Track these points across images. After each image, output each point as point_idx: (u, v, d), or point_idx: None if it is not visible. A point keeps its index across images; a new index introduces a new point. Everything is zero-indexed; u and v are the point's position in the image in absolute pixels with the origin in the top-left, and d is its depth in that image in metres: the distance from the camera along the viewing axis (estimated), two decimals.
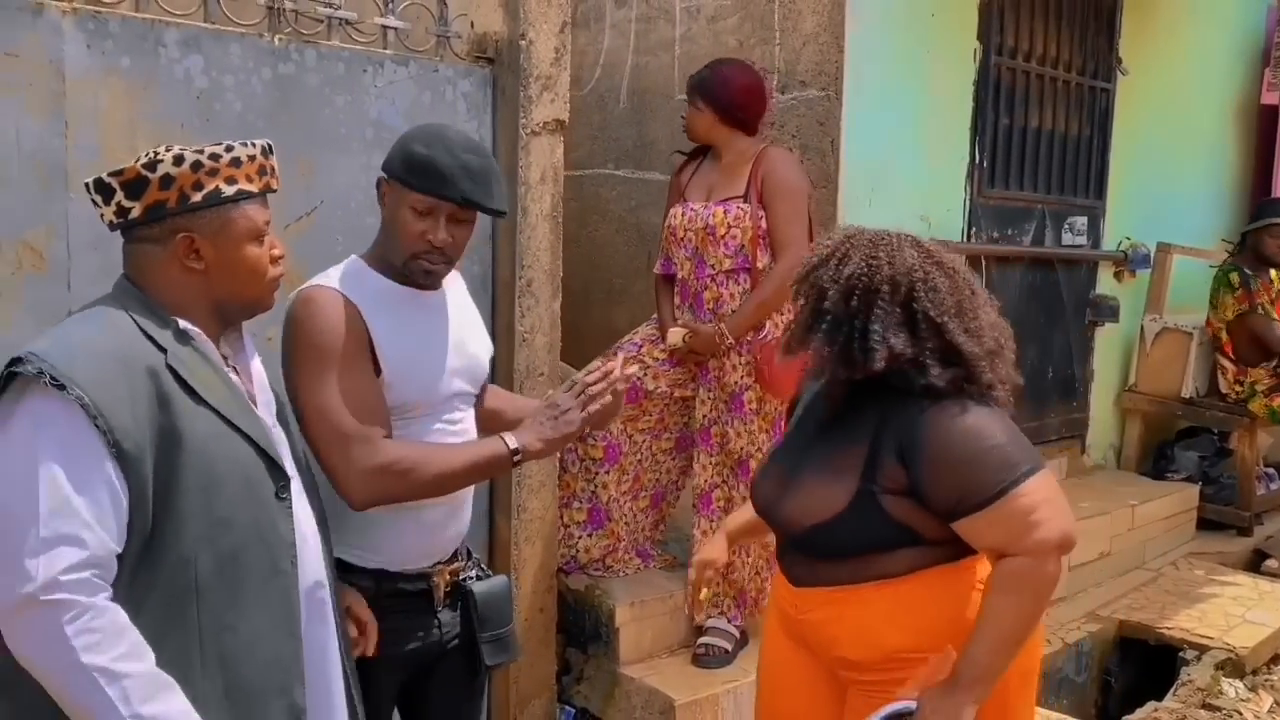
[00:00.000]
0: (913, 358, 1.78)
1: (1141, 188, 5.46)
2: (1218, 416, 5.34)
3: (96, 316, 1.52)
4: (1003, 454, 1.77)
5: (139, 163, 1.54)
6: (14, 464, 1.39)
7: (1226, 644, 3.98)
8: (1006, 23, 4.62)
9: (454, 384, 2.02)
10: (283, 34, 2.56)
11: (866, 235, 1.88)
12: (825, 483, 1.87)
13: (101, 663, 1.34)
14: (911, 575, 1.84)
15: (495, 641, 2.10)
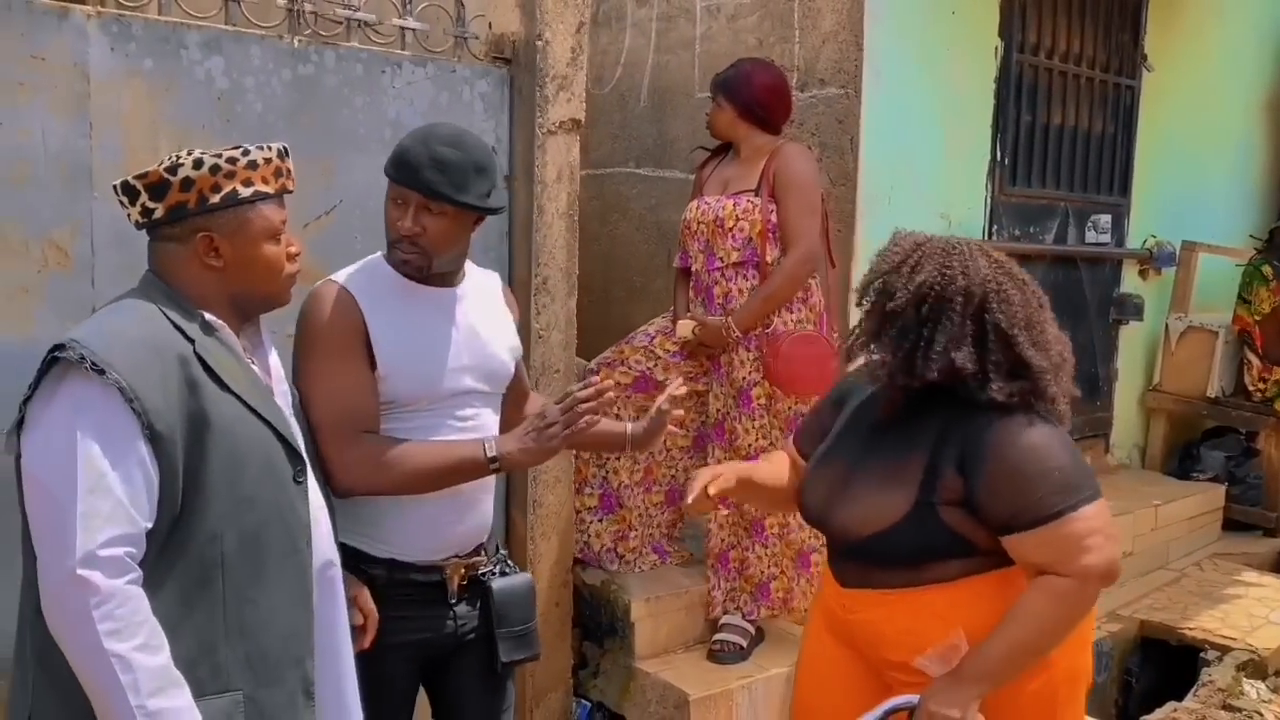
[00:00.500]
0: (975, 370, 1.79)
1: (1167, 185, 5.41)
2: (1244, 416, 5.29)
3: (129, 308, 1.59)
4: (1064, 476, 1.77)
5: (161, 166, 1.61)
6: (55, 444, 1.46)
7: (1249, 645, 3.95)
8: (1029, 19, 4.60)
9: (462, 381, 2.03)
10: (302, 36, 2.61)
11: (938, 244, 1.87)
12: (883, 492, 1.87)
13: (120, 650, 1.41)
14: (963, 580, 1.85)
15: (515, 638, 2.11)
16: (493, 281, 2.22)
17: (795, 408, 3.23)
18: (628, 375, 3.37)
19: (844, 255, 4.03)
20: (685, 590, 3.38)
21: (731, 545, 3.35)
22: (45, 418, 1.48)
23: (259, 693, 1.58)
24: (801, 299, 3.23)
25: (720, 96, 3.29)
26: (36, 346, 2.25)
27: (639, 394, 3.38)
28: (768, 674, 3.22)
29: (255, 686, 1.58)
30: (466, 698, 2.19)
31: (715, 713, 3.10)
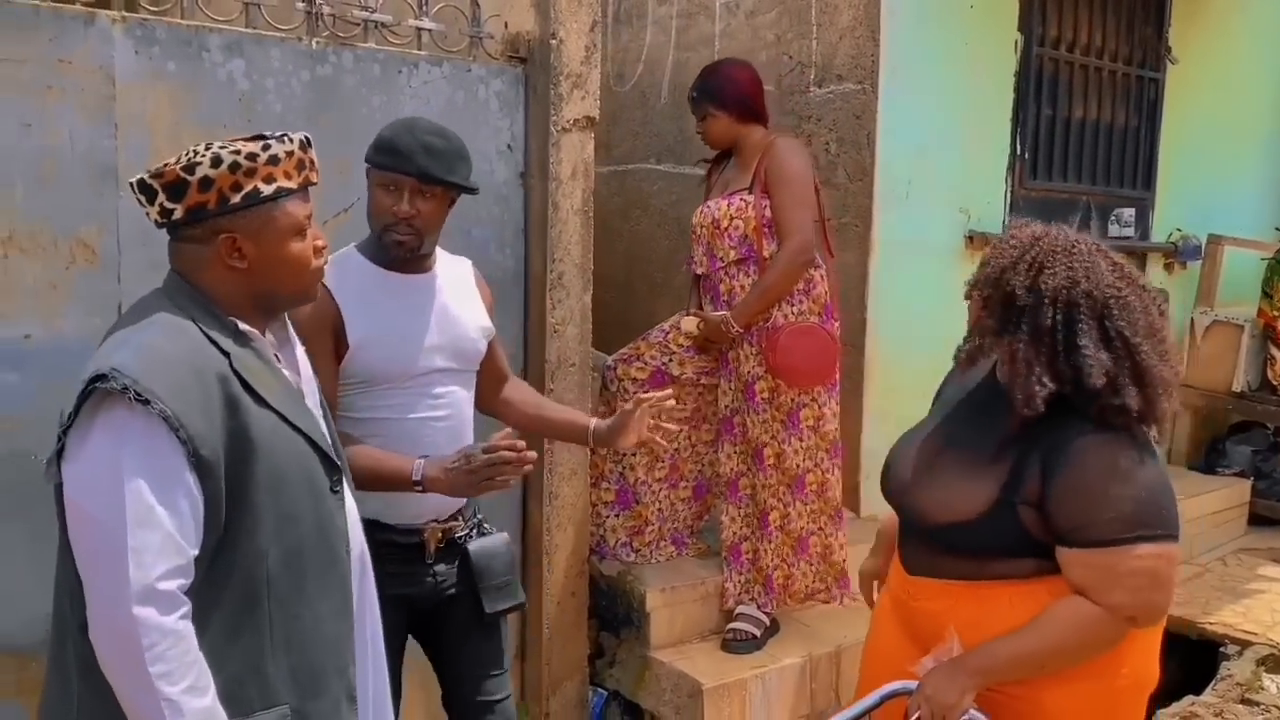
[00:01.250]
0: (1112, 378, 1.74)
1: (1192, 179, 5.37)
2: (1270, 410, 5.24)
3: (162, 324, 1.53)
4: (1134, 507, 1.74)
5: (178, 164, 1.55)
6: (99, 476, 1.42)
7: (1270, 640, 3.93)
8: (1049, 13, 4.59)
9: (434, 360, 2.17)
10: (321, 37, 2.68)
11: (1059, 241, 1.82)
12: (967, 482, 1.85)
13: (171, 694, 1.40)
14: (1032, 580, 1.83)
15: (497, 589, 2.26)
16: (464, 267, 2.33)
17: (798, 399, 3.26)
18: (644, 370, 3.42)
19: (860, 250, 4.06)
20: (701, 581, 3.42)
21: (744, 538, 3.39)
22: (87, 448, 1.43)
23: (305, 705, 1.58)
24: (803, 290, 3.25)
25: (710, 106, 3.27)
26: (64, 341, 2.37)
27: (655, 388, 3.42)
28: (781, 664, 3.26)
29: (302, 699, 1.58)
30: (458, 647, 2.34)
31: (728, 702, 3.14)
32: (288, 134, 1.62)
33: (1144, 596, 1.73)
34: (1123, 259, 1.86)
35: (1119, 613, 1.74)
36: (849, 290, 4.08)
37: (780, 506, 3.32)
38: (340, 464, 1.71)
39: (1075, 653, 1.78)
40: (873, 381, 4.07)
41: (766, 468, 3.30)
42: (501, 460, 1.98)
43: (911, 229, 4.12)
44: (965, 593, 1.88)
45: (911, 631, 2.00)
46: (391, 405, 2.13)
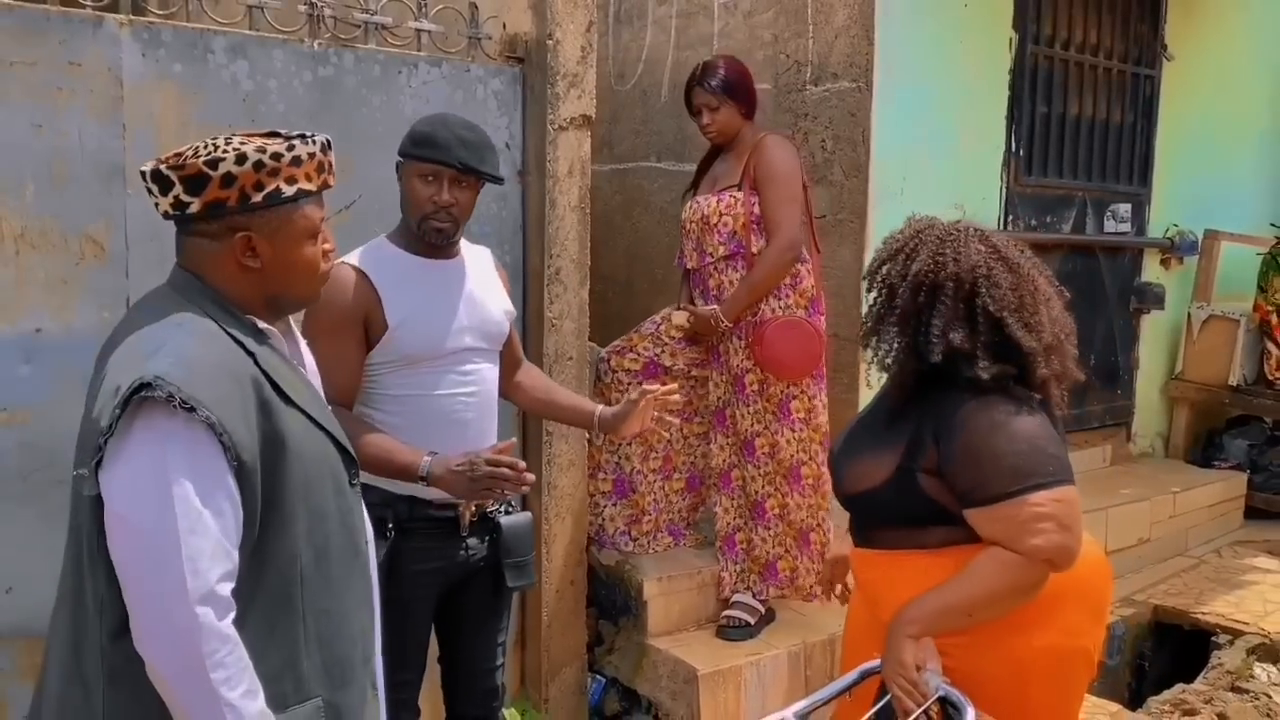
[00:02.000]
0: (968, 351, 1.87)
1: (1189, 174, 5.42)
2: (1266, 404, 5.29)
3: (189, 325, 1.50)
4: (1022, 459, 1.84)
5: (200, 158, 1.50)
6: (145, 483, 1.41)
7: (1262, 629, 3.98)
8: (1044, 11, 4.65)
9: (464, 339, 2.29)
10: (322, 39, 2.75)
11: (935, 231, 1.96)
12: (874, 454, 1.99)
13: (231, 698, 1.41)
14: (943, 549, 1.94)
15: (517, 567, 2.39)
16: (485, 254, 2.45)
17: (786, 391, 3.32)
18: (637, 361, 3.49)
19: (856, 246, 4.11)
20: (698, 571, 3.49)
21: (738, 527, 3.46)
22: (128, 456, 1.41)
23: (336, 696, 1.60)
24: (790, 285, 3.31)
25: (727, 97, 3.30)
26: (75, 335, 2.44)
27: (649, 380, 3.49)
28: (775, 651, 3.33)
29: (332, 691, 1.60)
30: (474, 618, 2.45)
31: (724, 688, 3.21)
32: (310, 135, 1.60)
33: (1055, 538, 1.83)
34: (1008, 241, 1.97)
35: (1034, 557, 1.84)
36: (845, 286, 4.14)
37: (778, 495, 3.38)
38: (354, 456, 1.74)
39: (1001, 597, 1.88)
40: (868, 375, 4.12)
41: (759, 458, 3.36)
42: (501, 476, 2.10)
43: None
44: (889, 561, 2.02)
45: (869, 602, 2.12)
46: (425, 382, 2.25)
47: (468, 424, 2.31)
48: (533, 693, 3.30)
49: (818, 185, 4.19)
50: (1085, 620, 2.01)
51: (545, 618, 3.23)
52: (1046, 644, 1.94)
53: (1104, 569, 2.07)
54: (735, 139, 3.37)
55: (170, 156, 1.54)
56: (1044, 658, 1.95)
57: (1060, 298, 1.98)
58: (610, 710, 3.42)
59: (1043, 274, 1.98)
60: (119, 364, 1.47)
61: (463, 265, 2.34)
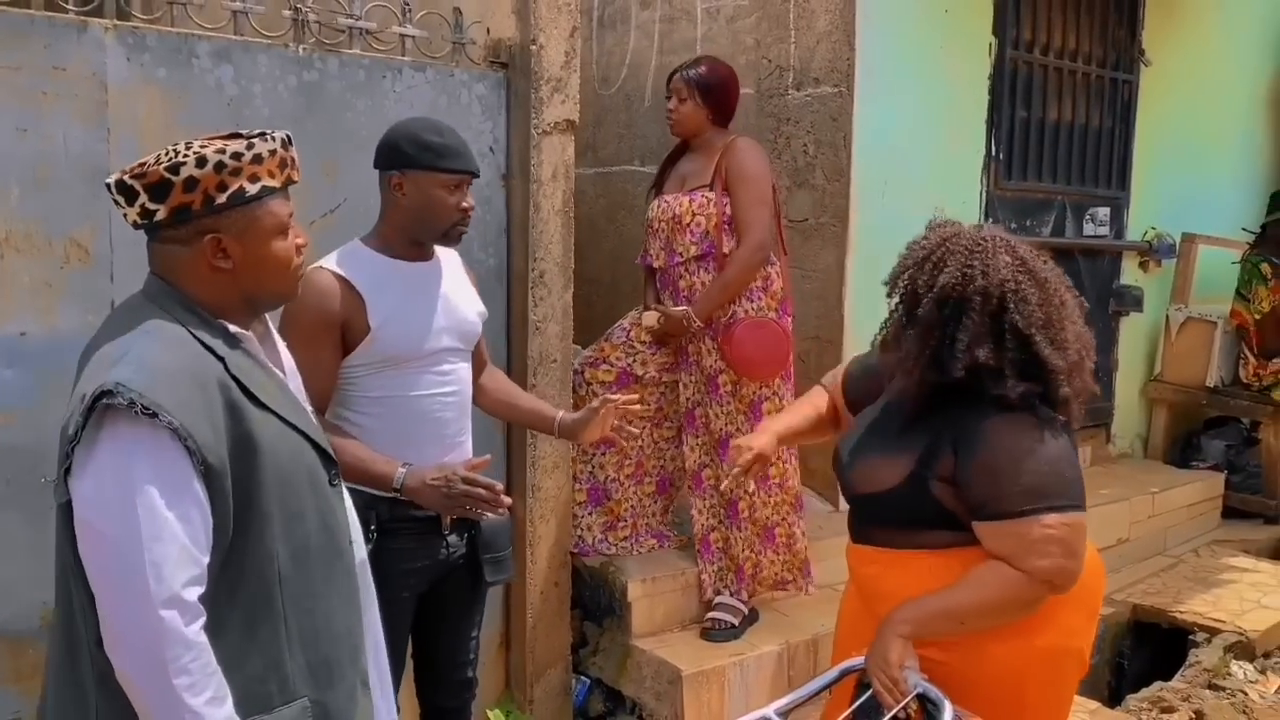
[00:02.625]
0: (994, 367, 1.87)
1: (1166, 178, 5.48)
2: (1242, 405, 5.36)
3: (156, 332, 1.51)
4: (1038, 480, 1.86)
5: (161, 165, 1.51)
6: (109, 491, 1.42)
7: (1238, 627, 4.03)
8: (1023, 17, 4.69)
9: (442, 340, 2.31)
10: (307, 44, 2.76)
11: (964, 240, 1.94)
12: (886, 457, 2.01)
13: (195, 705, 1.41)
14: (948, 550, 1.96)
15: (496, 562, 2.43)
16: (454, 256, 2.47)
17: (759, 392, 3.36)
18: (610, 373, 3.50)
19: (838, 249, 4.16)
20: (681, 572, 3.51)
21: (713, 528, 3.49)
22: (95, 464, 1.42)
23: (323, 695, 1.61)
24: (761, 287, 3.34)
25: (697, 95, 3.33)
26: (59, 338, 2.45)
27: (621, 390, 3.51)
28: (759, 651, 3.35)
29: (319, 691, 1.61)
30: (448, 613, 2.49)
31: (708, 688, 3.23)
32: (268, 132, 1.61)
33: (1059, 563, 1.86)
34: (1033, 252, 1.97)
35: (1035, 577, 1.86)
36: (828, 288, 4.18)
37: (747, 496, 3.41)
38: (334, 456, 1.75)
39: (995, 611, 1.91)
40: None
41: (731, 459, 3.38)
42: (477, 496, 2.14)
43: (888, 229, 4.16)
44: (892, 559, 2.04)
45: (863, 596, 2.15)
46: (405, 383, 2.27)
47: (447, 424, 2.36)
48: (518, 694, 3.31)
49: (799, 189, 4.23)
50: (1082, 620, 2.04)
51: (530, 619, 3.25)
52: (1045, 645, 1.97)
53: (1099, 569, 2.10)
54: (702, 140, 3.39)
55: (133, 166, 1.55)
56: (1042, 658, 1.98)
57: (1081, 309, 1.98)
58: (595, 711, 3.44)
59: (1066, 285, 1.98)
60: (89, 373, 1.49)
61: (439, 267, 2.38)
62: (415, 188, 2.24)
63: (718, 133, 3.39)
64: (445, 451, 2.36)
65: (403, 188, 2.24)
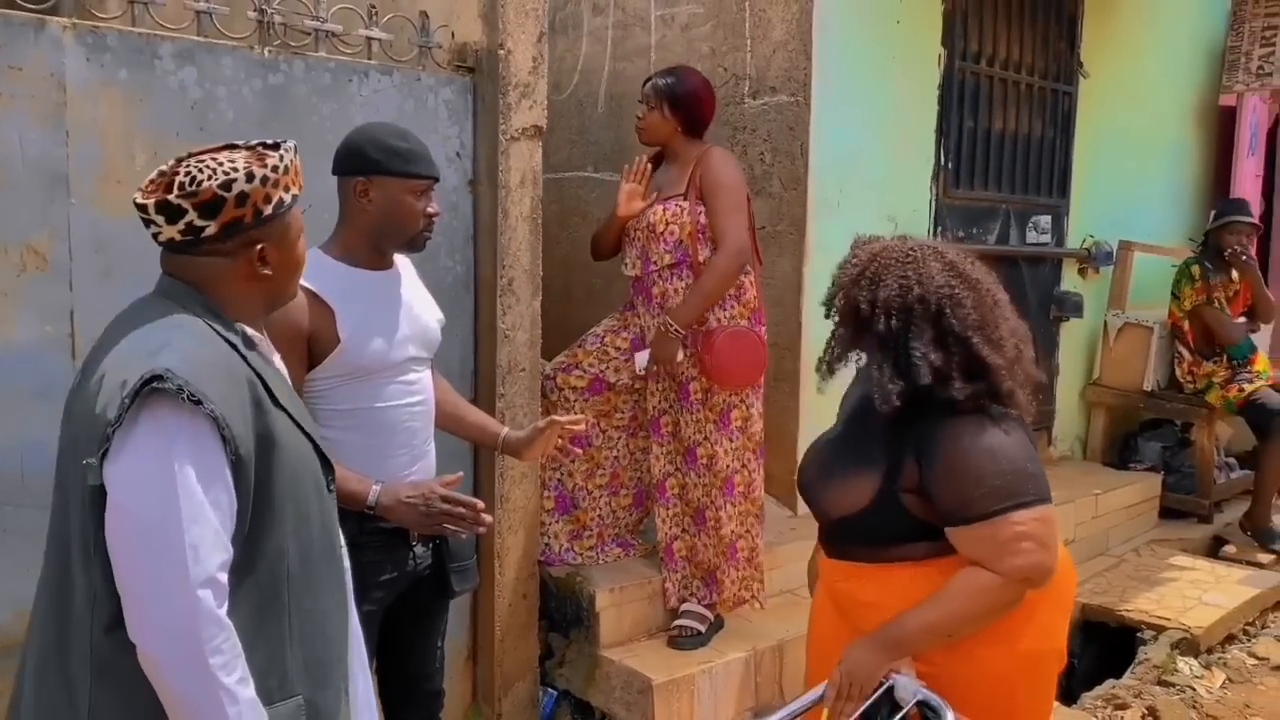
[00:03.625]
0: (944, 373, 1.91)
1: (1104, 187, 5.63)
2: (1178, 408, 5.52)
3: (189, 326, 1.55)
4: (1003, 480, 1.89)
5: (213, 182, 1.55)
6: (148, 473, 1.45)
7: (1183, 624, 4.15)
8: (970, 28, 4.78)
9: (408, 349, 2.29)
10: (272, 46, 2.69)
11: (894, 253, 1.98)
12: (854, 479, 2.02)
13: (229, 683, 1.45)
14: (928, 561, 1.99)
15: (462, 571, 2.43)
16: (408, 262, 2.44)
17: (729, 400, 3.36)
18: (583, 379, 3.48)
19: (795, 257, 4.19)
20: (648, 580, 3.50)
21: (676, 536, 3.48)
22: (134, 447, 1.45)
23: (315, 695, 1.64)
24: (734, 295, 3.35)
25: (664, 105, 3.32)
26: (16, 347, 2.36)
27: (595, 396, 3.50)
28: (726, 659, 3.35)
29: (313, 689, 1.63)
30: (414, 624, 2.47)
31: (678, 697, 3.22)
32: (285, 143, 1.67)
33: (1034, 558, 1.89)
34: (960, 255, 2.02)
35: (1013, 576, 1.90)
36: (785, 295, 4.21)
37: (713, 507, 3.41)
38: (330, 462, 1.77)
39: (978, 617, 1.94)
40: (808, 384, 4.19)
41: (699, 467, 3.39)
42: (458, 515, 2.13)
43: (843, 236, 4.14)
44: (871, 574, 2.06)
45: (840, 611, 2.16)
46: (373, 394, 2.24)
47: (415, 433, 2.33)
48: (485, 707, 3.26)
49: (756, 197, 4.24)
50: (1059, 619, 2.08)
51: (498, 631, 3.20)
52: (1028, 648, 2.00)
53: (1070, 569, 2.15)
54: (676, 150, 3.39)
55: (169, 184, 1.56)
56: (1027, 661, 2.01)
57: (1010, 303, 2.03)
58: None
59: (995, 284, 2.03)
60: (121, 362, 1.50)
61: (399, 275, 2.35)
62: (382, 194, 2.20)
63: (690, 143, 3.38)
64: (414, 461, 2.33)
65: (368, 193, 2.20)
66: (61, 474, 1.57)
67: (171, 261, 1.63)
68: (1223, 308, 5.26)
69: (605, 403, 3.51)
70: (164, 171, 1.60)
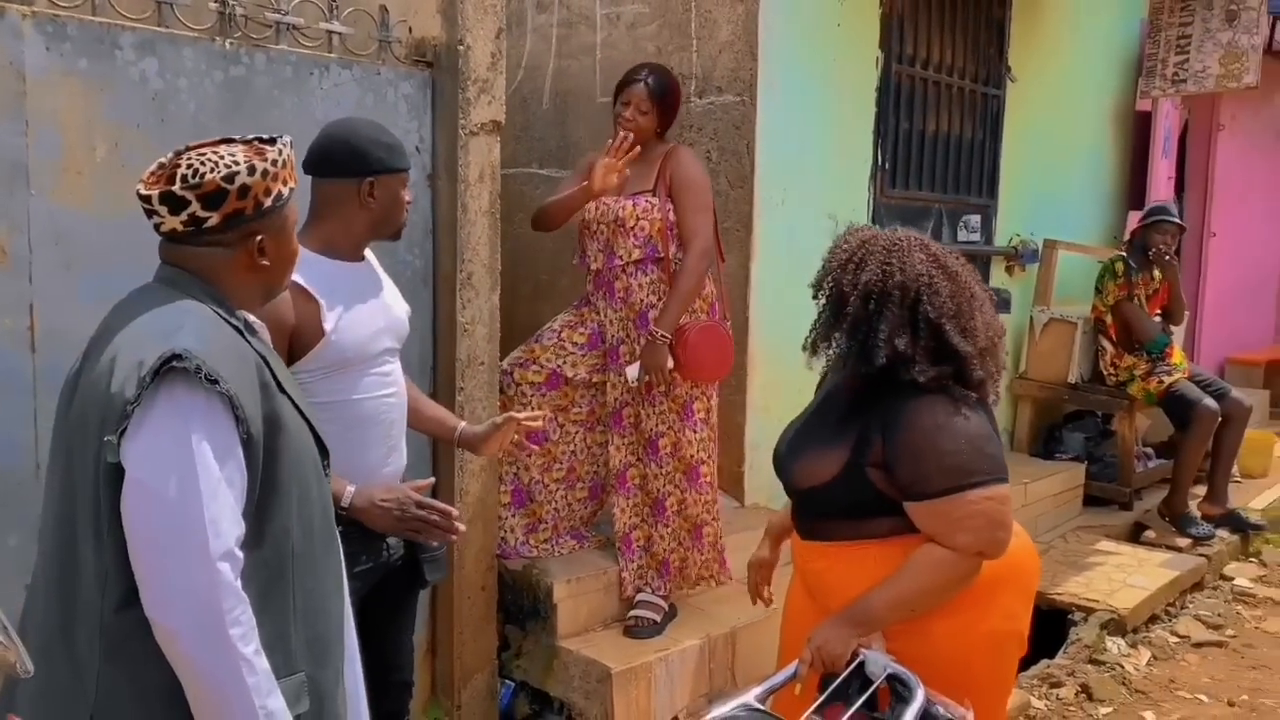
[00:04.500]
0: (908, 354, 2.01)
1: (1029, 188, 5.84)
2: (1100, 400, 5.74)
3: (198, 311, 1.59)
4: (958, 460, 1.99)
5: (215, 174, 1.59)
6: (167, 450, 1.48)
7: (1110, 606, 4.34)
8: (906, 32, 4.92)
9: (383, 340, 2.32)
10: (233, 38, 2.67)
11: (881, 241, 2.09)
12: (822, 451, 2.12)
13: (247, 653, 1.49)
14: (892, 539, 2.08)
15: (433, 561, 2.44)
16: (372, 256, 2.45)
17: (690, 393, 3.44)
18: (540, 374, 3.52)
19: (742, 254, 4.27)
20: (604, 571, 3.55)
21: (635, 526, 3.54)
22: (152, 424, 1.49)
23: (316, 672, 1.68)
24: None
25: (654, 104, 3.36)
26: None
27: (552, 391, 3.54)
28: (682, 646, 3.42)
29: (314, 667, 1.67)
30: (385, 616, 2.48)
31: (635, 684, 3.27)
32: (281, 138, 1.71)
33: (985, 535, 2.00)
34: (944, 249, 2.13)
35: (965, 551, 2.00)
36: (732, 291, 4.27)
37: (676, 493, 3.48)
38: (327, 446, 1.80)
39: (939, 590, 2.04)
40: (755, 377, 4.28)
41: (662, 457, 3.45)
42: (433, 523, 2.16)
43: (787, 234, 4.36)
44: (839, 553, 2.15)
45: (811, 592, 2.25)
46: (352, 386, 2.25)
47: (391, 425, 2.35)
48: (444, 700, 3.28)
49: None
50: (1021, 604, 2.18)
51: (457, 625, 3.22)
52: (989, 629, 2.10)
53: (1033, 557, 2.25)
54: (645, 147, 3.43)
55: (171, 176, 1.59)
56: (986, 642, 2.11)
57: (991, 301, 2.14)
58: (521, 714, 3.44)
59: (976, 279, 2.13)
60: (135, 343, 1.53)
61: (371, 267, 2.38)
62: (385, 191, 2.24)
63: (658, 140, 3.44)
64: (389, 454, 2.35)
65: (373, 192, 2.22)
66: (65, 456, 1.58)
67: (172, 252, 1.66)
68: (1142, 305, 5.48)
69: (562, 397, 3.55)
70: (164, 164, 1.64)
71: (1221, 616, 4.55)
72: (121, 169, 2.45)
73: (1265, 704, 3.79)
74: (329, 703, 1.70)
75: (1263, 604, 4.75)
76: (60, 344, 2.30)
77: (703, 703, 3.46)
